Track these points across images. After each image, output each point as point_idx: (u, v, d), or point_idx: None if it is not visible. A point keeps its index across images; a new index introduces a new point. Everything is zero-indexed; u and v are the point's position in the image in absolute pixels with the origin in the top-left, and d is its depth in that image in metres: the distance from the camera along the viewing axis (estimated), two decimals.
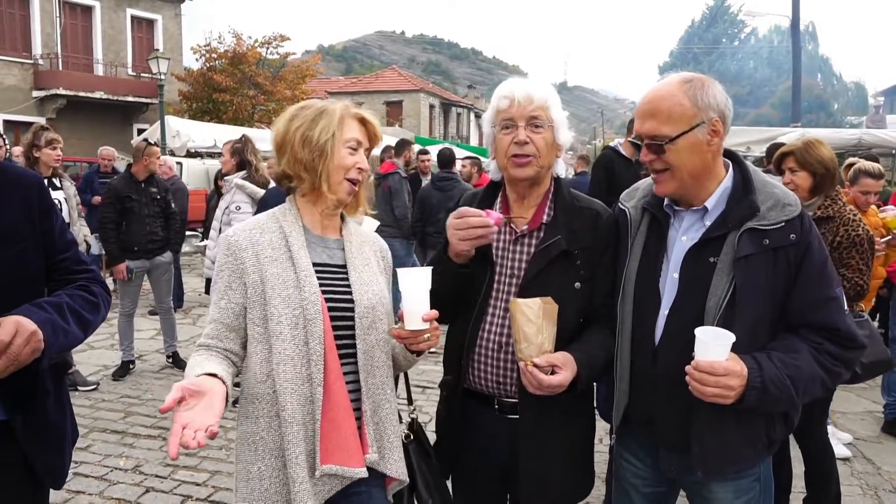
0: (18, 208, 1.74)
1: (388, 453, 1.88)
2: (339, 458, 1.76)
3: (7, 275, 1.68)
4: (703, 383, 1.66)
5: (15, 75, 22.77)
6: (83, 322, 1.76)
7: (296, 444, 1.73)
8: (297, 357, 1.76)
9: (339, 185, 1.87)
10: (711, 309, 1.77)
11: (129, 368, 6.06)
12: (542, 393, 1.82)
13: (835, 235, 3.28)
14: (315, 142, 1.83)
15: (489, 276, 2.01)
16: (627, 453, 2.08)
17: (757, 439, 1.87)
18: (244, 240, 1.84)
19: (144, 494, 3.83)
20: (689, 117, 1.78)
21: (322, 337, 1.77)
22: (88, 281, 1.88)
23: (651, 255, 1.94)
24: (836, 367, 1.80)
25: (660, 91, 1.83)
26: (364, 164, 1.90)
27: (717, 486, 1.90)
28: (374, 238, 2.09)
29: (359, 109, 1.95)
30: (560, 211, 2.03)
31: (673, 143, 1.78)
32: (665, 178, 1.84)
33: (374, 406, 1.87)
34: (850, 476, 4.25)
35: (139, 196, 5.91)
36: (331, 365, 1.78)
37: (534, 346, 1.81)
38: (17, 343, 1.49)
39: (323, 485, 1.78)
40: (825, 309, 1.81)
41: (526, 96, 1.94)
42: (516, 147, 1.95)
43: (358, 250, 1.96)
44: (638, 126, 1.86)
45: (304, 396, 1.76)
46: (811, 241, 1.80)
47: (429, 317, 1.75)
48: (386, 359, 1.93)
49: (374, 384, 1.88)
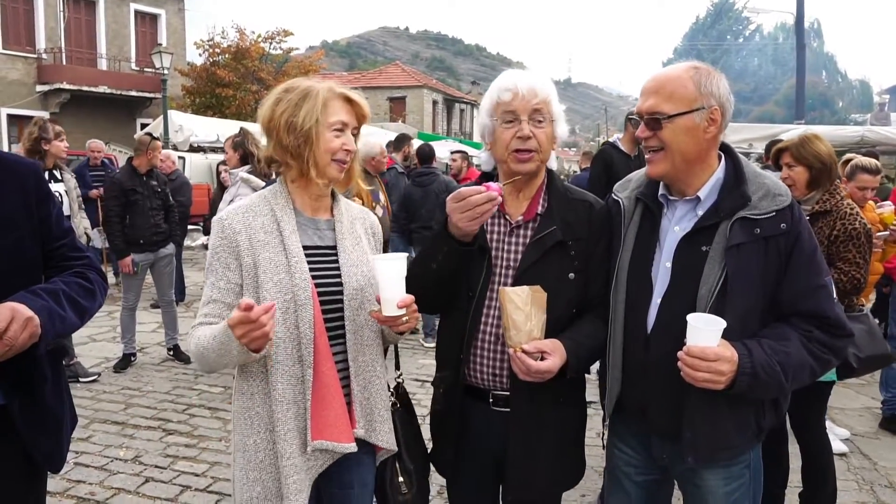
0: (16, 196, 1.75)
1: (378, 426, 1.95)
2: (330, 434, 1.82)
3: (4, 262, 1.70)
4: (695, 368, 1.69)
5: (19, 69, 22.81)
6: (79, 308, 1.78)
7: (285, 422, 1.80)
8: (289, 339, 1.82)
9: (328, 167, 1.88)
10: (703, 296, 1.80)
11: (131, 361, 6.09)
12: (532, 379, 1.84)
13: (832, 229, 3.29)
14: (300, 128, 1.83)
15: (487, 266, 2.02)
16: (620, 442, 2.10)
17: (747, 426, 1.89)
18: (238, 223, 1.86)
19: (144, 484, 3.86)
20: (690, 100, 1.82)
21: (312, 321, 1.82)
22: (84, 267, 1.90)
23: (644, 245, 1.96)
24: (824, 354, 1.82)
25: (667, 72, 1.89)
26: (351, 145, 1.89)
27: (707, 472, 1.92)
28: (365, 214, 2.10)
29: (345, 88, 1.92)
30: (554, 202, 2.04)
31: (670, 120, 1.82)
32: (658, 158, 1.87)
33: (364, 383, 1.93)
34: (847, 471, 4.26)
35: (143, 189, 5.95)
36: (320, 347, 1.83)
37: (523, 332, 1.83)
38: (13, 329, 1.50)
39: (316, 459, 1.85)
40: (814, 297, 1.83)
41: (530, 89, 1.94)
42: (519, 142, 1.95)
43: (349, 230, 1.98)
44: (640, 103, 1.90)
45: (295, 377, 1.82)
46: (801, 231, 1.83)
47: (403, 303, 1.77)
48: (375, 337, 1.98)
49: (365, 362, 1.94)
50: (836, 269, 3.25)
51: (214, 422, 4.82)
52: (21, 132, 22.47)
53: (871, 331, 3.27)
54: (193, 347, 1.82)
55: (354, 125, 1.93)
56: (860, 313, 3.34)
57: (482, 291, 2.01)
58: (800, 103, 16.54)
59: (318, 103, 1.84)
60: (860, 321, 3.27)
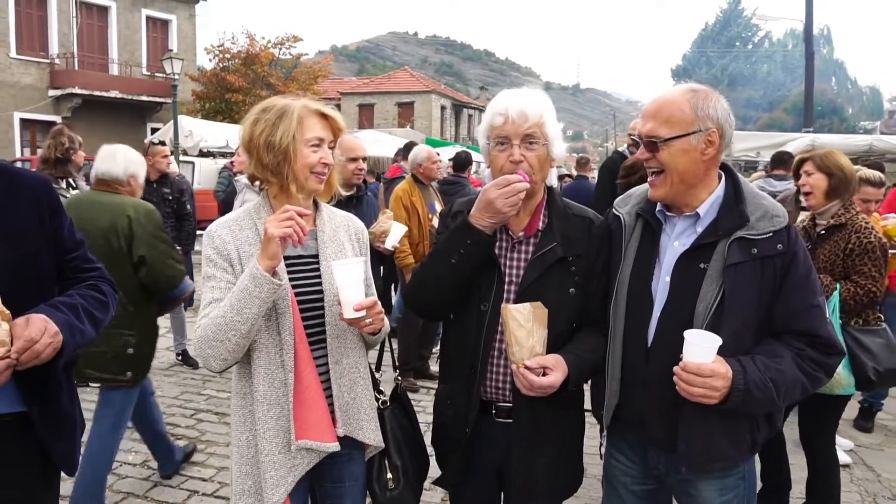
0: (29, 209, 1.81)
1: (364, 424, 2.05)
2: (313, 434, 1.93)
3: (20, 274, 1.75)
4: (690, 383, 1.75)
5: (32, 74, 23.07)
6: (95, 321, 1.86)
7: (265, 421, 1.93)
8: (271, 345, 1.94)
9: (307, 181, 1.98)
10: (700, 313, 1.85)
11: None
12: (534, 394, 1.89)
13: (847, 242, 3.31)
14: (278, 146, 1.92)
15: (497, 280, 2.04)
16: (617, 452, 2.15)
17: (741, 439, 1.93)
18: (226, 234, 1.97)
19: (153, 489, 3.91)
20: (687, 123, 1.88)
21: (292, 328, 1.93)
22: (97, 279, 1.97)
23: (644, 260, 2.00)
24: (816, 371, 1.87)
25: (665, 96, 1.95)
26: (328, 159, 1.99)
27: (702, 483, 1.97)
28: (349, 221, 2.18)
29: (319, 105, 2.01)
30: (554, 218, 2.08)
31: (667, 143, 1.88)
32: (658, 182, 1.94)
33: (349, 384, 2.04)
34: (850, 483, 4.26)
35: (149, 196, 5.99)
36: (301, 353, 1.94)
37: (525, 349, 1.88)
38: (42, 341, 1.60)
39: (301, 458, 1.96)
40: (808, 316, 1.88)
41: (520, 114, 1.96)
42: (511, 166, 1.98)
43: (331, 238, 2.07)
44: (640, 126, 1.97)
45: (277, 380, 1.94)
46: (797, 252, 1.88)
47: (360, 306, 1.87)
48: (358, 340, 2.09)
49: (348, 364, 2.04)
50: (851, 283, 3.27)
51: (222, 427, 4.87)
52: (34, 136, 22.83)
53: (889, 344, 3.27)
54: (201, 333, 1.87)
55: (331, 139, 2.02)
56: (878, 327, 3.35)
57: (495, 304, 2.02)
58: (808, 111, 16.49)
59: (293, 121, 1.93)
60: (878, 335, 3.29)
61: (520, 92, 2.06)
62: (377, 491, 2.12)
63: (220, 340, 1.84)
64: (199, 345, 1.88)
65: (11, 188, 1.80)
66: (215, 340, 1.85)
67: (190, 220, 6.37)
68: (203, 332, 1.87)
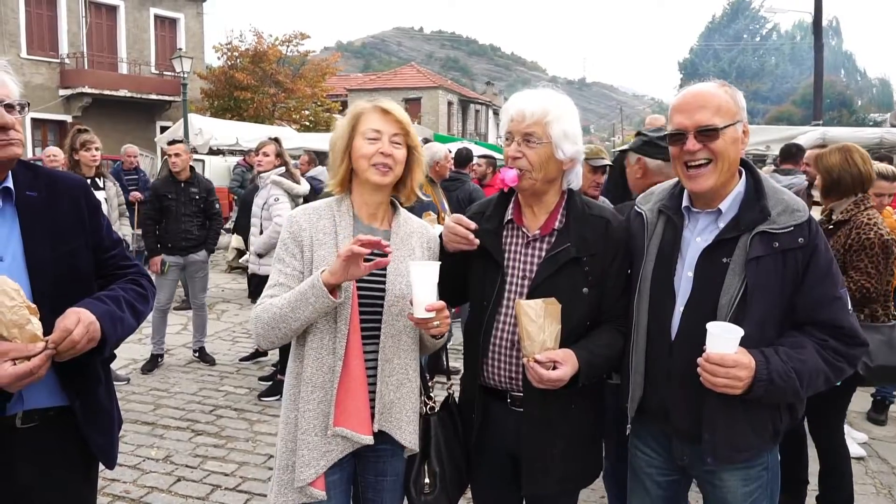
0: (70, 209, 1.90)
1: (403, 425, 2.09)
2: (351, 423, 1.99)
3: (63, 269, 1.83)
4: (714, 374, 1.79)
5: (42, 74, 23.18)
6: (136, 312, 1.94)
7: (307, 402, 2.01)
8: (326, 331, 2.01)
9: (366, 172, 2.05)
10: (724, 306, 1.89)
11: (158, 362, 6.25)
12: (544, 387, 1.95)
13: (847, 238, 3.34)
14: (340, 144, 2.10)
15: (500, 278, 2.13)
16: (641, 443, 2.19)
17: (764, 429, 1.97)
18: (304, 221, 2.09)
19: (176, 483, 3.99)
20: (733, 113, 1.95)
21: (349, 319, 2.00)
22: (136, 275, 2.05)
23: (666, 255, 2.04)
24: (838, 362, 1.91)
25: (704, 89, 1.98)
26: (386, 149, 2.04)
27: (726, 473, 2.01)
28: (424, 229, 2.25)
29: (380, 101, 2.11)
30: (572, 219, 2.13)
31: (724, 132, 1.92)
32: (706, 172, 1.94)
33: (395, 384, 2.08)
34: (865, 475, 4.28)
35: (176, 195, 6.11)
36: (352, 344, 2.01)
37: (536, 343, 1.94)
38: (77, 331, 1.65)
39: (336, 445, 2.02)
40: (830, 308, 1.92)
41: (519, 112, 2.05)
42: (511, 161, 2.08)
43: (403, 242, 2.14)
44: (682, 119, 1.96)
45: (326, 365, 2.02)
46: (818, 244, 1.91)
47: (431, 307, 1.91)
48: (412, 343, 2.14)
49: (398, 364, 2.09)
50: (847, 278, 3.28)
51: (241, 423, 4.95)
52: (45, 136, 23.02)
53: (890, 342, 3.28)
54: (259, 312, 2.00)
55: (392, 132, 2.07)
56: (884, 324, 3.36)
57: (496, 302, 2.13)
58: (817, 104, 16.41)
59: (352, 117, 2.10)
60: (880, 332, 3.30)
61: (530, 92, 2.12)
62: (413, 494, 2.17)
63: (273, 328, 1.98)
64: (255, 323, 2.02)
65: (54, 190, 1.87)
66: (268, 326, 1.98)
67: (219, 219, 6.45)
68: (261, 313, 2.00)
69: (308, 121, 26.78)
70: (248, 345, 6.99)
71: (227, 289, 10.19)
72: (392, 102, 2.11)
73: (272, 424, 4.87)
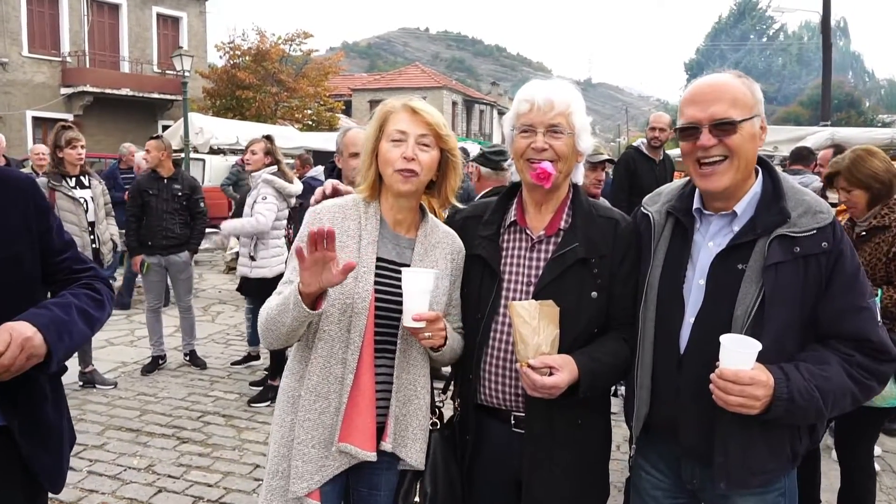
0: (13, 211, 1.74)
1: (410, 443, 1.97)
2: (357, 439, 1.88)
3: (5, 278, 1.67)
4: (728, 392, 1.62)
5: (44, 73, 23.15)
6: (90, 319, 1.78)
7: (307, 411, 1.89)
8: (337, 339, 1.89)
9: (391, 178, 1.92)
10: (739, 317, 1.72)
11: (159, 364, 6.08)
12: (539, 395, 1.79)
13: (891, 245, 3.13)
14: (367, 146, 1.97)
15: (496, 290, 1.97)
16: (647, 464, 2.02)
17: (781, 451, 1.80)
18: (328, 219, 1.95)
19: (156, 495, 3.81)
20: (750, 106, 1.77)
21: (363, 330, 1.88)
22: (91, 279, 1.89)
23: (675, 261, 1.88)
24: (867, 379, 1.73)
25: (719, 80, 1.81)
26: (409, 153, 1.89)
27: (740, 499, 1.83)
28: (451, 239, 2.08)
29: (411, 100, 1.96)
30: (578, 218, 1.98)
31: (740, 125, 1.74)
32: (722, 169, 1.77)
33: (404, 400, 1.96)
34: (879, 491, 4.08)
35: (158, 191, 5.89)
36: (365, 357, 1.89)
37: (530, 347, 1.78)
38: (8, 355, 1.48)
39: (335, 460, 1.90)
40: (857, 319, 1.73)
41: (547, 101, 1.90)
42: (533, 153, 1.91)
43: (427, 252, 2.00)
44: (695, 112, 1.78)
45: (334, 375, 1.89)
46: (843, 249, 1.74)
47: (419, 317, 1.79)
48: (423, 358, 2.01)
49: (408, 380, 1.97)
50: (894, 288, 3.09)
51: (229, 430, 4.78)
52: (45, 134, 22.95)
53: None
54: (265, 308, 1.91)
55: (419, 133, 1.91)
56: None
57: (491, 311, 1.98)
58: (825, 104, 16.27)
59: (380, 117, 1.96)
60: None
61: (548, 82, 1.99)
62: None
63: (267, 329, 1.90)
64: (259, 320, 1.94)
65: None
66: (264, 326, 1.91)
67: (203, 218, 6.19)
68: (264, 311, 1.91)
69: (311, 120, 26.68)
70: (241, 348, 6.81)
71: (224, 290, 10.05)
72: (424, 102, 1.97)
73: (261, 432, 4.70)
